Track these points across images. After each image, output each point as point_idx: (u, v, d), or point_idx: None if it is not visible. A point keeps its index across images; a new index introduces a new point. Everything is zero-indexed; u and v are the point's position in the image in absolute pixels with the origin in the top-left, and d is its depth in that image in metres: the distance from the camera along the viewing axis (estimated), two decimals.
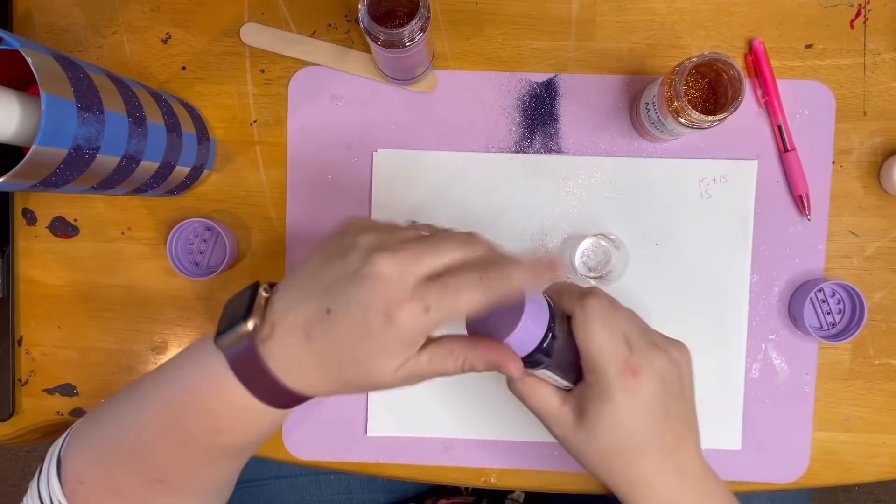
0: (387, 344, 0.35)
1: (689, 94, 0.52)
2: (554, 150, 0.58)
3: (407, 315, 0.34)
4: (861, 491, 1.36)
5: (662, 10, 0.57)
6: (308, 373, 0.37)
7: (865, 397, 0.58)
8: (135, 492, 0.42)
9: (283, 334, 0.36)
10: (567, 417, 0.43)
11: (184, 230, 0.58)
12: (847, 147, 0.57)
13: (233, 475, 0.46)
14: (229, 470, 0.44)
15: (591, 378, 0.41)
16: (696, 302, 0.58)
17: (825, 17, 0.57)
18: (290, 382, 0.37)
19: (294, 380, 0.37)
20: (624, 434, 0.42)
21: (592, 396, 0.41)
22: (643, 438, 0.42)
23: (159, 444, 0.41)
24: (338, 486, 0.73)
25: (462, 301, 0.35)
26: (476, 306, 0.35)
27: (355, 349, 0.36)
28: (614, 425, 0.41)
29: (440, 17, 0.58)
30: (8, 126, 0.39)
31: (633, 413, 0.41)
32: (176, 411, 0.40)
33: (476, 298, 0.35)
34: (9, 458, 1.39)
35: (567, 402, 0.43)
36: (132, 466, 0.42)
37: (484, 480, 0.59)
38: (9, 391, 0.59)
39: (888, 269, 0.58)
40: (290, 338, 0.36)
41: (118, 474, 0.42)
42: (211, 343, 0.38)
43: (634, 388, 0.41)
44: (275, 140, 0.59)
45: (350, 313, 0.35)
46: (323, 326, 0.36)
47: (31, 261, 0.60)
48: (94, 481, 0.42)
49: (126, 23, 0.58)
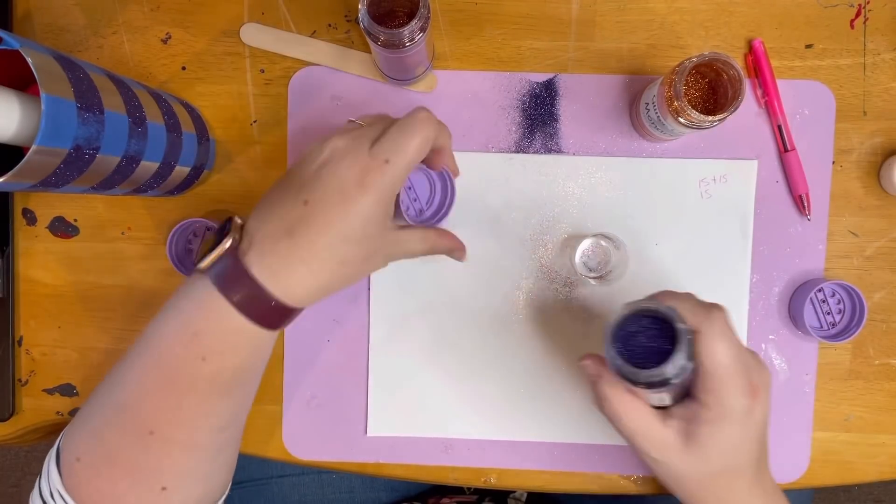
0: (368, 211, 0.39)
1: (689, 94, 0.53)
2: (554, 150, 0.58)
3: (375, 174, 0.39)
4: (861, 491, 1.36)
5: (662, 10, 0.58)
6: (295, 270, 0.39)
7: (865, 397, 0.58)
8: (128, 452, 0.41)
9: (263, 240, 0.39)
10: (671, 439, 0.41)
11: (184, 230, 0.58)
12: (847, 147, 0.57)
13: (226, 427, 0.44)
14: (220, 415, 0.43)
15: (710, 398, 0.39)
16: None
17: (825, 17, 0.57)
18: (276, 289, 0.39)
19: (281, 283, 0.39)
20: (736, 455, 0.41)
21: (709, 419, 0.40)
22: (747, 459, 0.42)
23: (145, 390, 0.41)
24: (339, 485, 0.73)
25: (411, 145, 0.40)
26: (425, 144, 0.41)
27: (346, 225, 0.39)
28: (730, 447, 0.41)
29: (440, 17, 0.58)
30: (8, 126, 0.39)
31: (748, 434, 0.41)
32: (159, 345, 0.41)
33: (420, 141, 0.40)
34: (9, 458, 1.39)
35: (669, 424, 0.41)
36: (123, 423, 0.41)
37: (484, 480, 0.59)
38: (9, 391, 0.59)
39: (888, 269, 0.58)
40: (272, 242, 0.39)
41: (111, 437, 0.42)
42: (193, 276, 0.40)
43: (751, 410, 0.40)
44: (275, 140, 0.59)
45: (326, 194, 0.39)
46: (304, 217, 0.39)
47: (31, 261, 0.60)
48: (89, 454, 0.42)
49: (126, 23, 0.58)
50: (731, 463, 0.41)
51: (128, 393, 0.42)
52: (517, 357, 0.58)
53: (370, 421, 0.59)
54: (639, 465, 0.58)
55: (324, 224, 0.39)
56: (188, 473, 0.44)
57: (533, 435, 0.59)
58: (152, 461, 0.42)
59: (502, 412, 0.59)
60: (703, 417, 0.40)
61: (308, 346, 0.59)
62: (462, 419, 0.59)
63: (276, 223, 0.39)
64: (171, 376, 0.41)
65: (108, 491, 0.42)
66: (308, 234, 0.39)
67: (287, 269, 0.39)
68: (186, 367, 0.40)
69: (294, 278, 0.39)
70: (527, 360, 0.58)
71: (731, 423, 0.40)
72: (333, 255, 0.39)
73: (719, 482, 0.42)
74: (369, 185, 0.39)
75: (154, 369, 0.41)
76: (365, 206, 0.39)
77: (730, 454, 0.41)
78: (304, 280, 0.39)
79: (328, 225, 0.39)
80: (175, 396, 0.41)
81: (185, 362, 0.40)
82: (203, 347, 0.40)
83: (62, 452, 0.44)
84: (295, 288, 0.39)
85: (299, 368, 0.59)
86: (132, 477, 0.42)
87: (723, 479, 0.42)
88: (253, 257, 0.39)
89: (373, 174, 0.39)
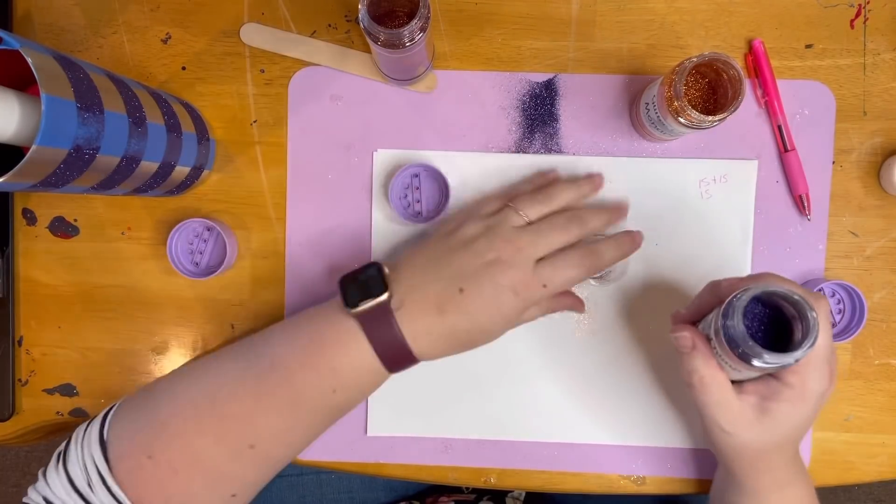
0: (512, 313, 0.46)
1: (689, 94, 0.52)
2: (554, 150, 0.58)
3: (531, 291, 0.46)
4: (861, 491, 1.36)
5: (662, 10, 0.57)
6: (436, 340, 0.44)
7: (865, 397, 0.58)
8: (220, 461, 0.43)
9: (414, 307, 0.44)
10: (746, 413, 0.44)
11: (184, 230, 0.58)
12: (847, 147, 0.57)
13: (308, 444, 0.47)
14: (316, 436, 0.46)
15: (795, 380, 0.43)
16: None
17: (825, 17, 0.57)
18: (415, 347, 0.44)
19: (418, 344, 0.44)
20: (796, 430, 0.45)
21: (789, 398, 0.43)
22: (801, 434, 0.46)
23: (261, 406, 0.43)
24: (338, 485, 0.73)
25: (569, 276, 0.47)
26: (580, 279, 0.48)
27: (488, 320, 0.45)
28: (796, 424, 0.44)
29: (440, 17, 0.58)
30: (8, 126, 0.39)
31: (813, 414, 0.44)
32: (289, 367, 0.44)
33: (579, 273, 0.47)
34: (9, 458, 1.39)
35: (745, 399, 0.44)
36: (222, 433, 0.42)
37: (484, 480, 0.59)
38: (9, 391, 0.59)
39: (888, 269, 0.58)
40: (423, 312, 0.44)
41: (204, 444, 0.42)
42: (338, 310, 0.44)
43: (826, 394, 0.44)
44: (275, 140, 0.59)
45: (484, 292, 0.45)
46: (457, 303, 0.44)
47: (31, 261, 0.60)
48: (169, 455, 0.42)
49: (126, 23, 0.58)
50: (791, 436, 0.45)
51: (236, 404, 0.43)
52: (517, 357, 0.58)
53: (370, 421, 0.59)
54: (637, 466, 0.58)
55: (474, 315, 0.45)
56: (260, 485, 0.46)
57: (533, 435, 0.59)
58: (239, 472, 0.43)
59: (502, 412, 0.59)
60: (784, 396, 0.43)
61: None
62: (462, 419, 0.59)
63: (430, 297, 0.45)
64: (297, 400, 0.43)
65: (177, 492, 0.42)
66: (456, 317, 0.44)
67: (428, 338, 0.44)
68: (317, 395, 0.44)
69: (432, 345, 0.45)
70: (527, 361, 0.58)
71: (806, 403, 0.43)
72: (470, 339, 0.46)
73: (775, 452, 0.46)
74: (523, 297, 0.45)
75: (279, 388, 0.43)
76: (510, 312, 0.46)
77: (793, 430, 0.44)
78: (436, 347, 0.45)
79: (475, 318, 0.45)
80: (293, 419, 0.44)
81: (317, 391, 0.44)
82: (337, 381, 0.44)
83: (116, 443, 0.43)
84: (428, 350, 0.45)
85: None
86: (210, 480, 0.43)
87: (779, 449, 0.46)
88: (403, 316, 0.44)
89: (530, 291, 0.46)
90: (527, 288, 0.45)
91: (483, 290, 0.45)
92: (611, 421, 0.58)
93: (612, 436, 0.58)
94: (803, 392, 0.43)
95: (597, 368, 0.58)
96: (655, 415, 0.58)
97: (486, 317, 0.45)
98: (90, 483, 0.42)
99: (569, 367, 0.58)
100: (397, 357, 0.44)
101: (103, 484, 0.41)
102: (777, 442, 0.45)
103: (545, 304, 0.51)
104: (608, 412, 0.58)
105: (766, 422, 0.44)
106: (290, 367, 0.44)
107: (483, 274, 0.45)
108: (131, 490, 0.42)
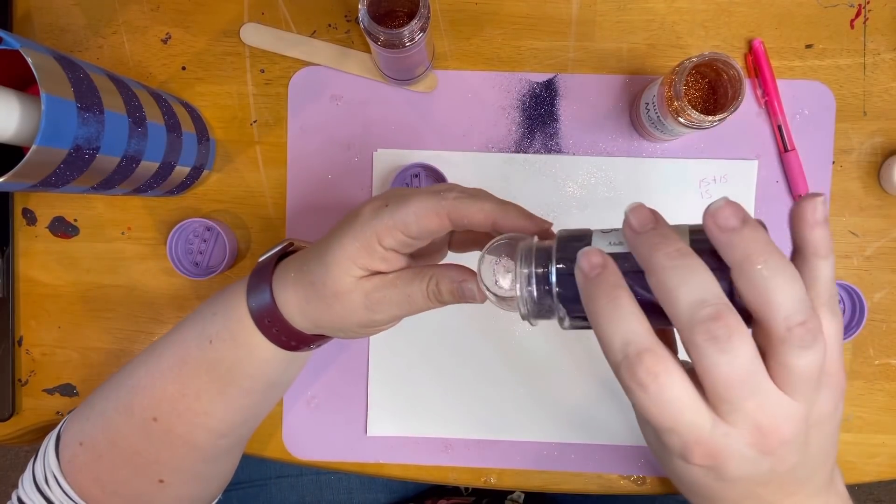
0: (350, 229, 0.37)
1: (689, 94, 0.52)
2: (554, 150, 0.58)
3: (367, 207, 0.37)
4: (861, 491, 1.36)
5: (662, 10, 0.57)
6: (293, 284, 0.40)
7: (865, 397, 0.58)
8: (132, 438, 0.43)
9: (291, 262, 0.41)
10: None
11: (184, 230, 0.58)
12: (847, 147, 0.57)
13: (226, 434, 0.44)
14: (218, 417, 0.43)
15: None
16: None
17: (825, 17, 0.57)
18: (280, 296, 0.40)
19: (286, 295, 0.40)
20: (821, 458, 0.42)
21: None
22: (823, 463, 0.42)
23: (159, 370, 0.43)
24: (338, 486, 0.73)
25: (412, 203, 0.36)
26: (423, 211, 0.36)
27: (322, 246, 0.39)
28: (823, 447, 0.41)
29: (440, 17, 0.58)
30: (8, 126, 0.39)
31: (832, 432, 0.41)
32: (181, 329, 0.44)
33: (423, 203, 0.36)
34: (9, 458, 1.39)
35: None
36: (131, 406, 0.43)
37: (484, 480, 0.59)
38: (9, 391, 0.59)
39: (888, 269, 0.58)
40: (293, 263, 0.41)
41: (118, 419, 0.43)
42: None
43: (833, 416, 0.40)
44: (275, 140, 0.59)
45: (333, 238, 0.38)
46: (314, 249, 0.40)
47: (31, 261, 0.60)
48: (93, 437, 0.43)
49: (126, 23, 0.58)
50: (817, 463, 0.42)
51: (140, 376, 0.43)
52: (517, 357, 0.58)
53: (370, 421, 0.59)
54: (637, 466, 0.58)
55: (323, 259, 0.40)
56: (185, 471, 0.44)
57: (533, 435, 0.59)
58: (152, 451, 0.43)
59: (502, 412, 0.59)
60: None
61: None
62: (462, 419, 0.59)
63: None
64: (184, 358, 0.43)
65: (108, 478, 0.43)
66: (314, 265, 0.40)
67: (293, 286, 0.40)
68: (194, 346, 0.42)
69: (295, 295, 0.40)
70: (527, 360, 0.58)
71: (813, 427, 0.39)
72: (323, 289, 0.40)
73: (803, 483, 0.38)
74: (360, 213, 0.40)
75: (168, 349, 0.43)
76: (348, 229, 0.39)
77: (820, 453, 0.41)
78: (297, 294, 0.40)
79: (325, 261, 0.40)
80: (181, 383, 0.42)
81: (195, 342, 0.42)
82: (214, 329, 0.42)
83: (63, 436, 0.44)
84: (291, 300, 0.40)
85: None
86: (133, 465, 0.43)
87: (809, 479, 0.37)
88: (280, 268, 0.41)
89: (366, 206, 0.39)
90: (365, 205, 0.38)
91: (335, 236, 0.39)
92: (611, 421, 0.58)
93: (612, 436, 0.58)
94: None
95: (597, 368, 0.58)
96: None
97: (324, 244, 0.39)
98: (46, 478, 0.43)
99: (569, 367, 0.58)
100: (266, 308, 0.40)
101: (54, 478, 0.43)
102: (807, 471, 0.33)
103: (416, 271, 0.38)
104: (608, 412, 0.58)
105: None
106: (181, 324, 0.44)
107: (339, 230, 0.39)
108: (72, 479, 0.43)
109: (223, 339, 0.42)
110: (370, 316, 0.38)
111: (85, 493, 0.43)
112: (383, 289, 0.38)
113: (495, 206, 0.36)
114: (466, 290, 0.37)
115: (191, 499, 0.46)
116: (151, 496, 0.44)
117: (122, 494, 0.43)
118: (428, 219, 0.36)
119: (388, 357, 0.59)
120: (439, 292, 0.37)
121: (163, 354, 0.43)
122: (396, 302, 0.38)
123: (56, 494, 0.43)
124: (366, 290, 0.38)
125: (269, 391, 0.45)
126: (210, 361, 0.42)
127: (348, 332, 0.41)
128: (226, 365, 0.42)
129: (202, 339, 0.42)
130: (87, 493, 0.43)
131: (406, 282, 0.38)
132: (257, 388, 0.43)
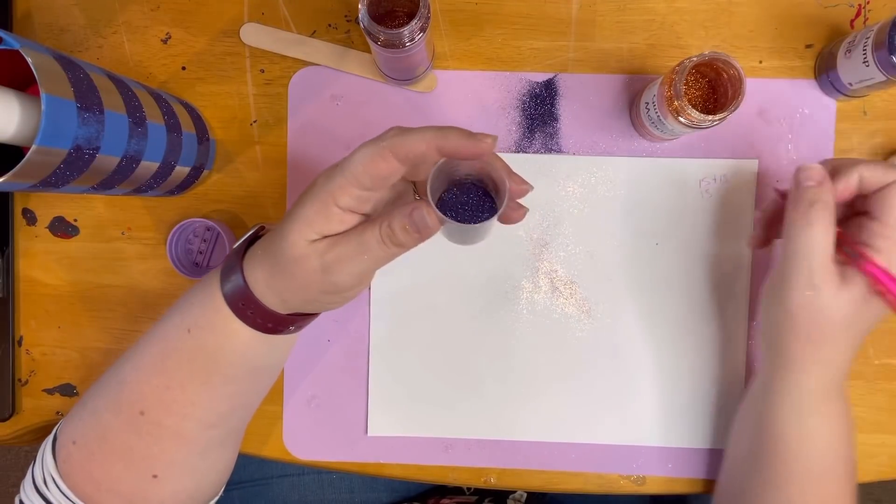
0: (306, 196, 0.38)
1: (689, 93, 0.53)
2: (554, 150, 0.58)
3: (321, 174, 0.38)
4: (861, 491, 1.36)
5: (662, 10, 0.57)
6: (261, 260, 0.40)
7: (865, 397, 0.58)
8: (121, 434, 0.43)
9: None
10: (835, 271, 0.45)
11: (184, 230, 0.58)
12: (847, 147, 0.57)
13: (215, 425, 0.44)
14: (205, 407, 0.43)
15: (885, 244, 0.45)
16: (696, 302, 0.58)
17: (825, 17, 0.57)
18: (250, 278, 0.40)
19: (256, 277, 0.40)
20: (864, 318, 0.47)
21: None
22: (864, 329, 0.48)
23: (143, 364, 0.43)
24: (340, 485, 0.73)
25: (356, 153, 0.36)
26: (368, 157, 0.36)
27: (284, 219, 0.39)
28: (868, 309, 0.46)
29: (440, 17, 0.58)
30: (8, 126, 0.39)
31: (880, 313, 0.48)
32: (164, 323, 0.44)
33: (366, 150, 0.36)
34: (9, 458, 1.39)
35: (836, 259, 0.45)
36: (119, 402, 0.43)
37: (484, 480, 0.59)
38: (9, 391, 0.59)
39: None
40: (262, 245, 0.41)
41: (107, 416, 0.43)
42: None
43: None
44: (275, 140, 0.59)
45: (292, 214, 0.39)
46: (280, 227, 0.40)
47: (31, 261, 0.60)
48: (85, 436, 0.44)
49: (126, 23, 0.58)
50: (858, 320, 0.46)
51: (126, 372, 0.43)
52: (517, 357, 0.58)
53: (370, 421, 0.59)
54: (637, 466, 0.58)
55: (284, 232, 0.40)
56: (178, 464, 0.44)
57: (533, 435, 0.59)
58: (142, 445, 0.43)
59: (502, 412, 0.59)
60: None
61: (308, 347, 0.59)
62: (462, 419, 0.59)
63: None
64: (164, 349, 0.43)
65: (102, 476, 0.43)
66: (278, 239, 0.40)
67: (260, 264, 0.40)
68: (174, 336, 0.42)
69: (263, 271, 0.40)
70: (527, 360, 0.58)
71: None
72: (284, 262, 0.40)
73: (841, 332, 0.46)
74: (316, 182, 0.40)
75: (151, 341, 0.43)
76: (308, 195, 0.40)
77: (864, 312, 0.46)
78: (262, 267, 0.40)
79: (285, 234, 0.41)
80: (165, 375, 0.42)
81: (175, 332, 0.43)
82: (192, 318, 0.42)
83: (59, 437, 0.45)
84: (261, 279, 0.40)
85: (299, 368, 0.59)
86: (125, 461, 0.43)
87: (846, 330, 0.46)
88: (251, 251, 0.42)
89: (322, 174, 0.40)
90: (323, 173, 0.39)
91: (294, 207, 0.39)
92: (611, 421, 0.58)
93: (612, 436, 0.58)
94: (890, 259, 0.44)
95: (597, 368, 0.58)
96: (656, 415, 0.58)
97: (290, 226, 0.39)
98: (45, 480, 0.43)
99: (569, 366, 0.58)
100: (238, 291, 0.40)
101: (52, 479, 0.43)
102: (847, 319, 0.45)
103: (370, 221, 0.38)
104: (608, 412, 0.58)
105: (849, 286, 0.44)
106: (163, 317, 0.44)
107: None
108: (68, 479, 0.43)
109: (201, 328, 0.42)
110: (329, 278, 0.38)
111: (81, 492, 0.43)
112: (336, 245, 0.37)
113: (435, 133, 0.36)
114: (417, 218, 0.36)
115: (188, 494, 0.46)
116: (146, 492, 0.44)
117: (118, 491, 0.43)
118: (374, 163, 0.36)
119: (389, 357, 0.59)
120: (392, 232, 0.37)
121: (146, 348, 0.44)
122: (351, 256, 0.37)
123: (54, 495, 0.43)
124: (320, 251, 0.38)
125: (254, 377, 0.45)
126: (191, 351, 0.42)
127: (314, 303, 0.41)
128: (206, 353, 0.42)
129: (181, 329, 0.42)
130: (83, 492, 0.43)
131: (358, 232, 0.38)
132: (240, 374, 0.43)
